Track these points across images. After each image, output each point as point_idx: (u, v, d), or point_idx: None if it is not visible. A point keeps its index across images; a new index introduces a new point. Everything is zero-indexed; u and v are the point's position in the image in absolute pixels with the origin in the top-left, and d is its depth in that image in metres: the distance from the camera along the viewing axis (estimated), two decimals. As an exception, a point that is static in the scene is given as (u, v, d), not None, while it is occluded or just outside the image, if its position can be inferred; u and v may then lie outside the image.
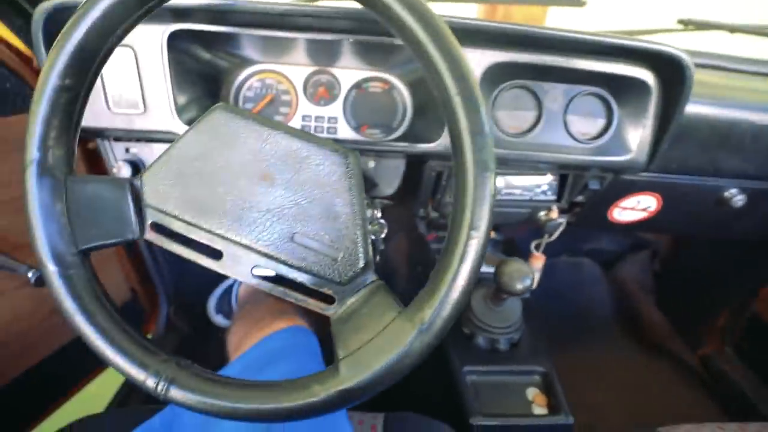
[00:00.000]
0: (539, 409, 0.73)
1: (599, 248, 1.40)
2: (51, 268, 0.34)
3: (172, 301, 1.10)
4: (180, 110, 0.57)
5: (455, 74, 0.31)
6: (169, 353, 0.35)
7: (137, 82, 0.55)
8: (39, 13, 0.49)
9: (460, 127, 0.31)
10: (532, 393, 0.75)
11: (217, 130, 0.38)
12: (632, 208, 0.80)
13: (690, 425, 0.68)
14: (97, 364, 0.37)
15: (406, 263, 1.11)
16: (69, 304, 0.34)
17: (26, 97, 0.65)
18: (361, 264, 0.36)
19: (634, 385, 1.10)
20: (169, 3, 0.48)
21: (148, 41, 0.53)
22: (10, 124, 0.64)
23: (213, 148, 0.38)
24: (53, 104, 0.35)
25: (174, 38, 0.54)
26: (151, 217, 0.38)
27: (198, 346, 1.09)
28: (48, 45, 0.52)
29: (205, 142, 0.38)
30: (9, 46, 0.62)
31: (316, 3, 0.54)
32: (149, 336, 1.05)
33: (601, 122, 0.63)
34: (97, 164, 0.75)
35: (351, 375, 0.32)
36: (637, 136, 0.62)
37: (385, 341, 0.32)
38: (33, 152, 0.35)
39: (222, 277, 1.12)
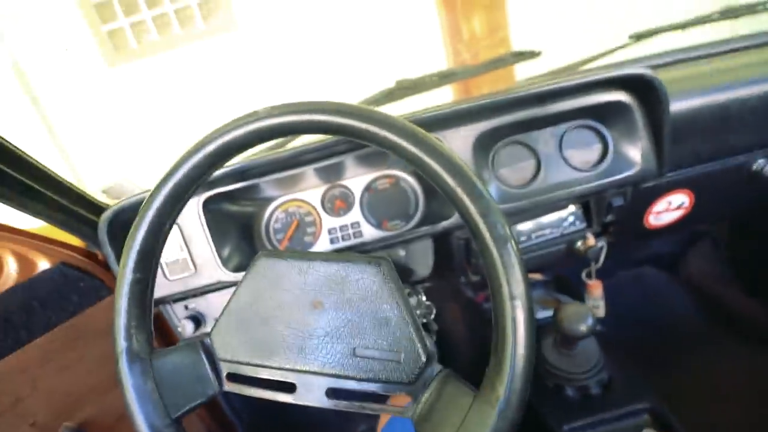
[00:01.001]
0: (662, 454, 0.65)
1: (655, 252, 1.33)
2: None
3: (252, 437, 1.09)
4: (225, 261, 0.64)
5: (451, 171, 0.36)
6: None
7: (185, 248, 0.63)
8: (103, 220, 0.59)
9: (471, 213, 0.35)
10: (647, 436, 0.68)
11: (264, 275, 0.43)
12: (666, 210, 0.79)
13: None
14: None
15: (465, 330, 1.08)
16: None
17: (98, 289, 0.74)
18: (424, 358, 0.38)
19: (751, 388, 0.97)
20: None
21: (188, 213, 0.62)
22: (88, 317, 0.72)
23: (264, 291, 0.42)
24: (129, 297, 0.41)
25: (206, 203, 0.63)
26: (225, 369, 0.42)
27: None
28: (112, 243, 0.61)
29: (256, 289, 0.42)
30: (77, 249, 0.73)
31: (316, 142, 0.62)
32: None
33: (597, 147, 0.66)
34: (163, 327, 0.82)
35: None
36: (637, 149, 0.64)
37: (472, 429, 0.33)
38: (121, 343, 0.40)
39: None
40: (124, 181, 0.67)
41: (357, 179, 0.72)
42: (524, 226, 0.76)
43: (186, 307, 0.74)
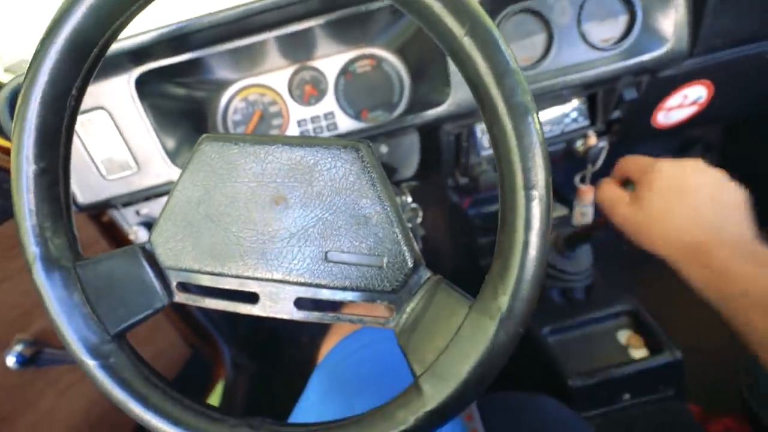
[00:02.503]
0: (638, 352, 0.66)
1: None
2: (90, 363, 0.32)
3: (232, 342, 1.10)
4: (172, 156, 0.53)
5: (457, 12, 0.25)
6: (234, 400, 0.32)
7: (122, 141, 0.52)
8: (1, 100, 0.47)
9: (480, 72, 0.25)
10: (624, 336, 0.69)
11: (212, 165, 0.33)
12: (680, 106, 0.71)
13: None
14: None
15: (449, 239, 1.05)
16: (119, 394, 0.32)
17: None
18: (410, 263, 0.31)
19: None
20: (123, 45, 0.44)
21: (118, 95, 0.50)
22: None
23: (213, 186, 0.33)
24: (35, 192, 0.31)
25: (142, 84, 0.50)
26: (174, 279, 0.35)
27: (271, 379, 1.09)
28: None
29: (203, 182, 0.33)
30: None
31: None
32: (220, 384, 1.06)
33: (623, 19, 0.54)
34: (117, 236, 0.74)
35: (436, 392, 0.27)
36: (671, 21, 0.53)
37: (465, 344, 0.27)
38: (32, 249, 0.32)
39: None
40: (29, 56, 0.53)
41: (330, 60, 0.59)
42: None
43: (137, 213, 0.65)
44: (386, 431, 0.28)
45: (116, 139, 0.52)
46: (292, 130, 0.60)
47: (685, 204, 0.37)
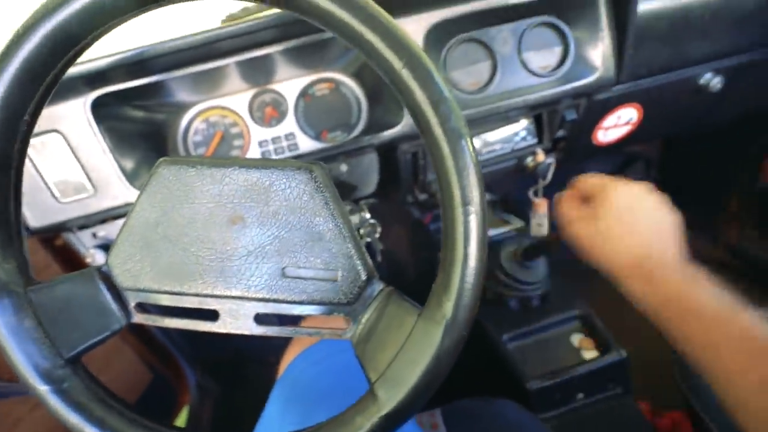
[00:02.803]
0: (589, 353, 0.71)
1: None
2: (42, 389, 0.32)
3: (196, 365, 1.07)
4: (131, 178, 0.53)
5: (394, 47, 0.28)
6: (200, 424, 0.33)
7: (77, 164, 0.52)
8: None
9: (417, 101, 0.28)
10: (577, 339, 0.73)
11: (169, 188, 0.34)
12: (615, 126, 0.78)
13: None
14: None
15: (410, 253, 1.08)
16: (74, 419, 0.32)
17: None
18: (363, 276, 0.33)
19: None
20: (80, 70, 0.44)
21: (72, 118, 0.50)
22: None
23: (171, 208, 0.34)
24: None
25: (99, 106, 0.50)
26: (132, 300, 0.35)
27: (237, 400, 1.07)
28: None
29: (160, 204, 0.34)
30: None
31: (230, 23, 0.50)
32: (185, 408, 1.02)
33: (558, 50, 0.60)
34: (72, 259, 0.72)
35: (390, 397, 0.29)
36: (599, 53, 0.59)
37: (414, 350, 0.30)
38: None
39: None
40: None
41: (290, 83, 0.61)
42: (475, 143, 0.72)
43: (94, 235, 0.64)
44: (344, 438, 0.30)
45: (71, 161, 0.52)
46: (254, 151, 0.61)
47: (634, 225, 0.41)
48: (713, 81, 0.72)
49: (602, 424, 0.69)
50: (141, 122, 0.57)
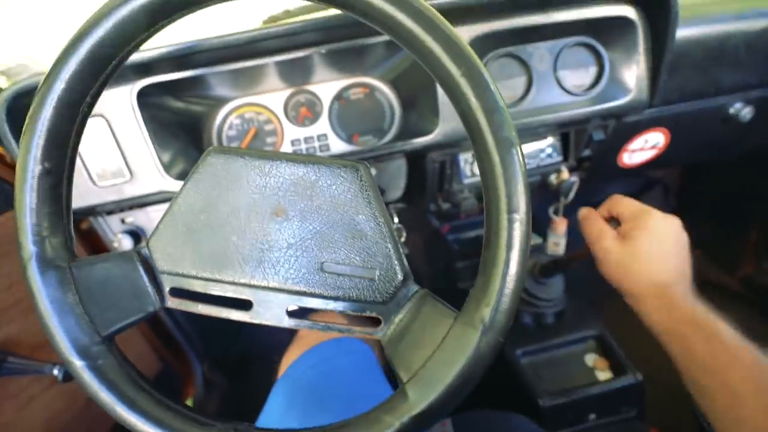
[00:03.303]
0: (603, 374, 0.70)
1: None
2: (78, 364, 0.32)
3: (204, 358, 1.07)
4: (167, 167, 0.54)
5: (455, 55, 0.29)
6: (206, 414, 0.33)
7: (117, 149, 0.53)
8: (0, 103, 0.47)
9: (473, 108, 0.29)
10: (591, 359, 0.73)
11: (216, 176, 0.35)
12: (641, 149, 0.78)
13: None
14: None
15: (427, 262, 1.08)
16: (106, 396, 0.32)
17: (8, 195, 0.62)
18: (400, 277, 0.34)
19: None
20: (131, 59, 0.46)
21: (118, 105, 0.51)
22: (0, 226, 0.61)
23: (216, 196, 0.35)
24: (38, 192, 0.32)
25: (142, 95, 0.52)
26: (168, 284, 0.36)
27: (242, 396, 1.07)
28: (16, 134, 0.50)
29: (206, 192, 0.35)
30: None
31: (277, 23, 0.52)
32: (190, 400, 1.02)
33: (593, 70, 0.61)
34: (95, 244, 0.73)
35: (421, 397, 0.29)
36: (633, 75, 0.60)
37: (450, 352, 0.30)
38: (29, 247, 0.32)
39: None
40: (27, 60, 0.53)
41: (326, 85, 0.63)
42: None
43: (123, 221, 0.65)
44: (372, 435, 0.30)
45: (112, 146, 0.53)
46: (286, 148, 0.63)
47: (663, 254, 0.43)
48: (743, 111, 0.73)
49: (613, 448, 0.68)
50: (180, 113, 0.58)
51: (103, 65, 0.32)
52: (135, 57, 0.46)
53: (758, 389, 0.33)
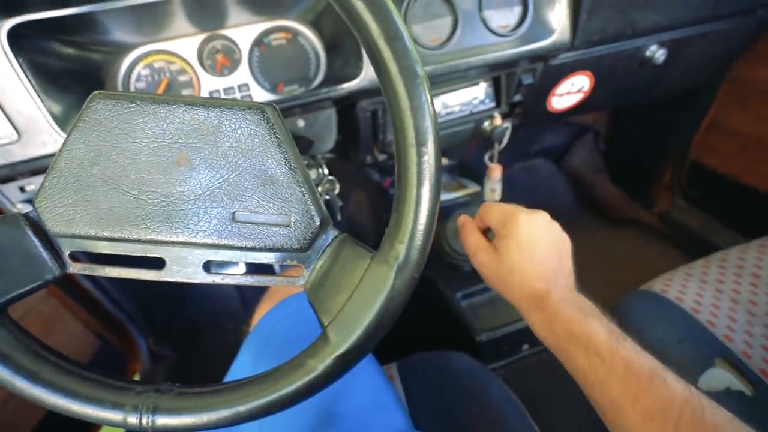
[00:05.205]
0: (534, 307, 0.76)
1: (547, 146, 1.44)
2: None
3: (148, 330, 1.03)
4: (61, 123, 0.48)
5: None
6: (144, 383, 0.31)
7: (-6, 104, 0.46)
8: None
9: (374, 37, 0.27)
10: (523, 295, 0.78)
11: (105, 125, 0.31)
12: (568, 93, 0.80)
13: (663, 275, 0.74)
14: (82, 424, 0.33)
15: (370, 216, 1.09)
16: (2, 373, 0.29)
17: None
18: (318, 222, 0.33)
19: (609, 257, 1.18)
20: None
21: (-14, 51, 0.44)
22: None
23: (108, 146, 0.32)
24: None
25: (19, 37, 0.44)
26: (66, 248, 0.32)
27: (193, 367, 1.05)
28: None
29: (95, 142, 0.31)
30: None
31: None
32: (136, 376, 0.99)
33: (517, 10, 0.60)
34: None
35: (342, 338, 0.29)
36: (556, 15, 0.60)
37: (366, 291, 0.30)
38: None
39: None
40: None
41: (243, 30, 0.57)
42: (435, 102, 0.72)
43: (22, 189, 0.58)
44: (298, 380, 0.30)
45: (-12, 102, 0.46)
46: (204, 101, 0.58)
47: (534, 258, 0.41)
48: (658, 53, 0.76)
49: (544, 372, 0.75)
50: (72, 60, 0.51)
51: None
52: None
53: (634, 397, 0.32)
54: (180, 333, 1.08)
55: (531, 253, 0.41)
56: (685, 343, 0.61)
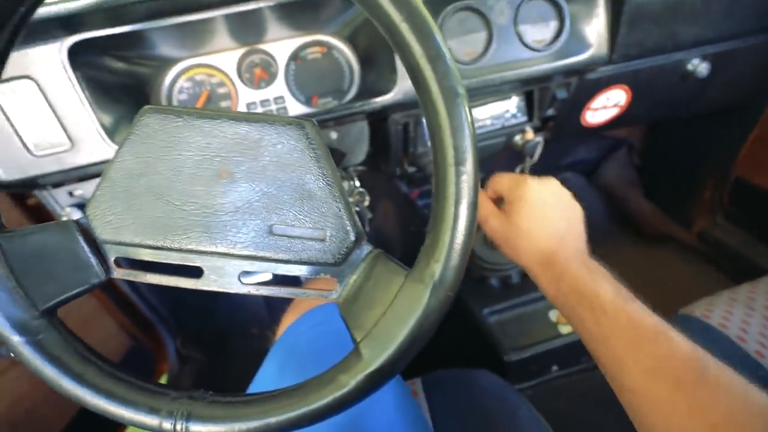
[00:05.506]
0: (566, 328, 0.73)
1: (579, 159, 1.41)
2: (16, 339, 0.31)
3: (177, 333, 1.06)
4: (110, 133, 0.51)
5: (396, 1, 0.27)
6: (180, 389, 0.32)
7: (52, 115, 0.49)
8: None
9: (416, 56, 0.28)
10: (554, 314, 0.76)
11: (153, 137, 0.33)
12: (603, 107, 0.78)
13: (704, 299, 0.70)
14: (114, 424, 0.34)
15: (397, 227, 1.08)
16: (50, 372, 0.31)
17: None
18: (352, 237, 0.33)
19: (643, 277, 1.13)
20: (54, 12, 0.42)
21: (48, 65, 0.47)
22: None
23: (156, 159, 0.33)
24: None
25: (77, 54, 0.47)
26: (112, 254, 0.34)
27: (219, 370, 1.07)
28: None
29: (144, 154, 0.33)
30: None
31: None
32: (164, 377, 1.02)
33: (554, 25, 0.60)
34: (46, 219, 0.69)
35: (375, 354, 0.29)
36: (593, 30, 0.59)
37: (401, 309, 0.30)
38: None
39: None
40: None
41: (281, 44, 0.59)
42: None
43: (71, 194, 0.61)
44: (329, 395, 0.30)
45: (46, 112, 0.49)
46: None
47: (544, 222, 0.42)
48: (700, 66, 0.74)
49: (574, 395, 0.72)
50: (122, 74, 0.54)
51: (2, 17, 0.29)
52: (58, 8, 0.41)
53: (636, 352, 0.32)
54: (209, 336, 1.11)
55: (540, 215, 0.42)
56: (730, 373, 0.57)
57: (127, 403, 0.31)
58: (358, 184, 0.64)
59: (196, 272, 0.34)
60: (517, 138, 0.77)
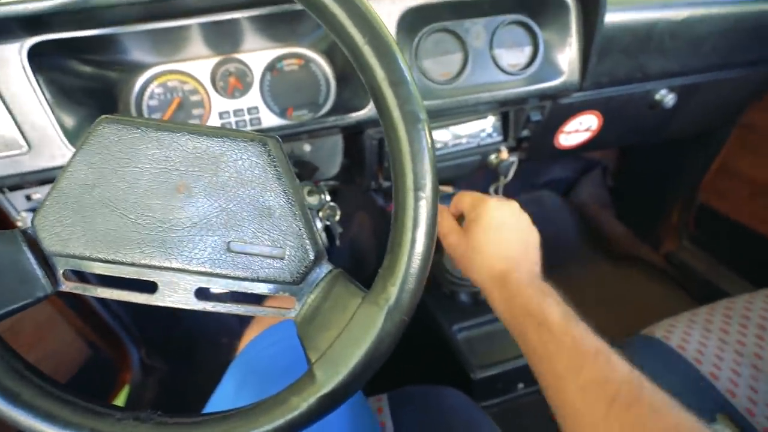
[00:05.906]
0: (532, 346, 0.74)
1: (554, 178, 1.44)
2: None
3: (141, 341, 1.02)
4: (71, 137, 0.49)
5: (359, 21, 0.27)
6: (142, 401, 0.31)
7: (8, 116, 0.47)
8: None
9: (378, 80, 0.28)
10: (522, 333, 0.76)
11: (109, 148, 0.32)
12: (576, 131, 0.81)
13: (666, 320, 0.72)
14: None
15: (372, 237, 1.08)
16: None
17: None
18: (312, 256, 0.32)
19: (610, 296, 1.16)
20: (14, 10, 0.40)
21: (5, 65, 0.45)
22: None
23: (111, 170, 0.32)
24: None
25: (38, 55, 0.46)
26: (61, 266, 0.33)
27: (184, 381, 1.03)
28: None
29: (98, 165, 0.32)
30: None
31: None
32: (126, 388, 0.98)
33: (528, 50, 0.61)
34: (1, 223, 0.66)
35: (328, 377, 0.29)
36: (566, 57, 0.61)
37: (355, 332, 0.29)
38: None
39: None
40: None
41: (257, 54, 0.59)
42: (443, 135, 0.72)
43: (28, 198, 0.59)
44: (280, 417, 0.29)
45: (2, 113, 0.47)
46: (214, 122, 0.59)
47: (499, 241, 0.43)
48: (667, 97, 0.77)
49: (539, 413, 0.72)
50: (88, 78, 0.52)
51: None
52: (19, 7, 0.40)
53: (577, 371, 0.34)
54: (175, 345, 1.07)
55: (496, 235, 0.43)
56: (685, 395, 0.59)
57: (67, 424, 0.29)
58: (328, 198, 0.64)
59: (150, 287, 0.33)
60: (492, 157, 0.78)
